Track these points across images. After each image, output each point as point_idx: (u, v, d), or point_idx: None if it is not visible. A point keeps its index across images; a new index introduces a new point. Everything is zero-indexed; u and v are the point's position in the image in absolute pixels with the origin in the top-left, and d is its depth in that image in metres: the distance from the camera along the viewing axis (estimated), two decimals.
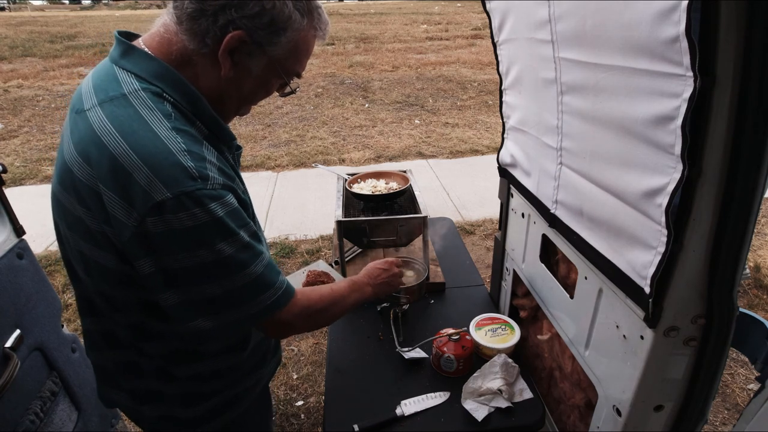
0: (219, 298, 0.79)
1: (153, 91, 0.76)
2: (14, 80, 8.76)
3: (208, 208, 0.72)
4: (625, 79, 0.82)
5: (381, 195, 1.82)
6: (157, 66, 0.78)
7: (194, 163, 0.72)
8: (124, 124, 0.72)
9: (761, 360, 0.89)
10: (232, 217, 0.76)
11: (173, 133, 0.73)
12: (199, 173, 0.72)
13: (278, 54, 0.81)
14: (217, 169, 0.76)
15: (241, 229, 0.78)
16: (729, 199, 0.75)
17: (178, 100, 0.78)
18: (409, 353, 1.36)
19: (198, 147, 0.75)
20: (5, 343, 1.10)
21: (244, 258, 0.79)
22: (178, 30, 0.77)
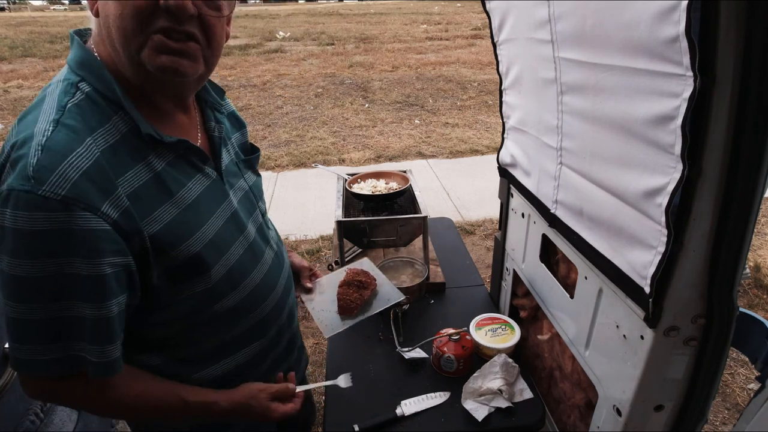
0: (15, 324, 0.69)
1: (72, 81, 0.72)
2: (14, 80, 8.76)
3: (21, 215, 0.63)
4: (625, 78, 0.82)
5: (381, 195, 1.82)
6: (80, 53, 0.74)
7: (42, 161, 0.63)
8: (26, 111, 0.71)
9: (761, 360, 0.89)
10: (58, 236, 0.64)
11: (50, 126, 0.67)
12: (36, 174, 0.63)
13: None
14: (81, 176, 0.65)
15: (68, 255, 0.65)
16: (729, 199, 0.75)
17: (99, 88, 0.72)
18: (409, 353, 1.36)
19: (68, 144, 0.66)
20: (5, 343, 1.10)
21: (53, 287, 0.66)
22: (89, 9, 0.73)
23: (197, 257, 0.80)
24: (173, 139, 0.78)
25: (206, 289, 0.84)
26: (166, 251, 0.76)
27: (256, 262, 0.94)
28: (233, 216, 0.89)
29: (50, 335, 0.69)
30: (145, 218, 0.73)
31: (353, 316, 1.25)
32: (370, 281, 1.33)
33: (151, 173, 0.75)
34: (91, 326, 0.70)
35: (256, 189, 1.02)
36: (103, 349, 0.72)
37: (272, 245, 1.03)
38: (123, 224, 0.69)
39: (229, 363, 0.95)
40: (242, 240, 0.90)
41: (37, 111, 0.70)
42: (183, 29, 0.70)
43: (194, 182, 0.82)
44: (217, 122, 0.93)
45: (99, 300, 0.70)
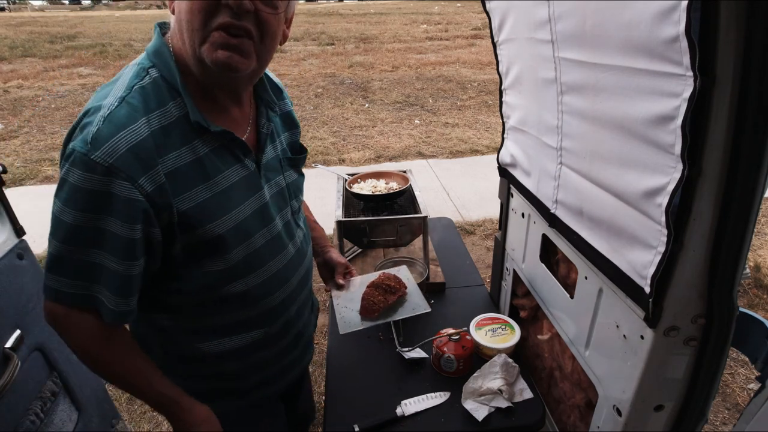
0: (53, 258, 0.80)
1: (144, 65, 0.82)
2: (14, 81, 8.76)
3: (77, 173, 0.74)
4: (625, 78, 0.82)
5: (381, 195, 1.82)
6: (157, 42, 0.84)
7: (101, 130, 0.74)
8: (104, 85, 0.83)
9: (761, 360, 0.89)
10: (100, 196, 0.75)
11: (116, 101, 0.77)
12: (93, 140, 0.74)
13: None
14: (128, 150, 0.75)
15: (105, 214, 0.76)
16: (729, 199, 0.75)
17: (165, 75, 0.82)
18: (409, 353, 1.36)
19: (125, 121, 0.76)
20: (5, 343, 1.10)
21: (88, 236, 0.77)
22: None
23: (219, 238, 0.87)
24: (218, 128, 0.85)
25: (223, 269, 0.91)
26: (193, 228, 0.84)
27: (276, 254, 0.99)
28: (262, 208, 0.95)
29: (76, 273, 0.80)
30: (178, 195, 0.81)
31: (373, 318, 1.26)
32: (400, 287, 1.33)
33: (193, 156, 0.83)
34: (113, 277, 0.80)
35: (294, 187, 1.07)
36: (119, 300, 0.82)
37: (296, 242, 1.07)
38: (156, 197, 0.78)
39: (231, 343, 1.00)
40: (266, 231, 0.96)
41: (111, 86, 0.82)
42: (240, 24, 0.76)
43: (231, 171, 0.89)
44: (268, 120, 0.99)
45: (123, 258, 0.80)
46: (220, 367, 1.02)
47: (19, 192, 4.51)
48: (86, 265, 0.79)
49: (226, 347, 0.99)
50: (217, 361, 1.01)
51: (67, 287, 0.80)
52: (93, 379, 1.45)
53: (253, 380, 1.07)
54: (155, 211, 0.79)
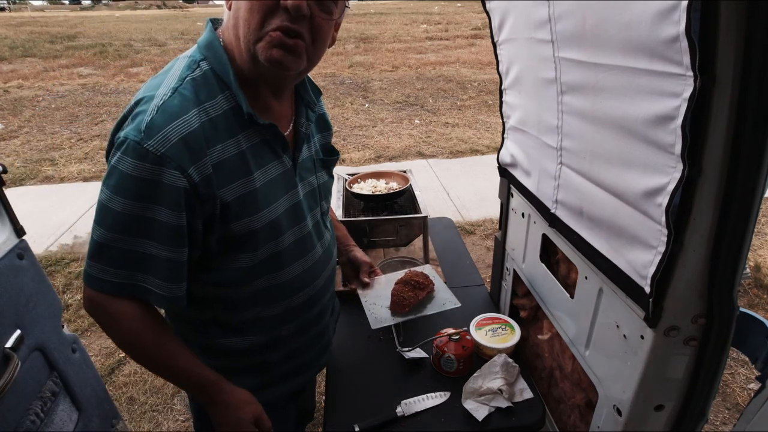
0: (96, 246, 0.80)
1: (195, 58, 0.84)
2: (14, 80, 8.76)
3: (129, 161, 0.75)
4: (625, 78, 0.82)
5: (381, 195, 1.82)
6: (209, 36, 0.86)
7: (154, 119, 0.76)
8: (156, 76, 0.86)
9: (761, 359, 0.89)
10: (151, 184, 0.76)
11: (169, 92, 0.79)
12: (147, 129, 0.75)
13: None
14: (180, 139, 0.76)
15: (155, 203, 0.77)
16: (729, 199, 0.75)
17: (215, 68, 0.84)
18: (409, 353, 1.36)
19: (178, 111, 0.77)
20: (5, 343, 1.10)
21: (140, 225, 0.78)
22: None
23: (254, 233, 0.89)
24: (266, 122, 0.87)
25: (251, 265, 0.92)
26: (231, 220, 0.86)
27: (303, 255, 1.00)
28: (295, 206, 0.96)
29: (121, 262, 0.81)
30: (222, 187, 0.82)
31: (403, 314, 1.27)
32: (428, 284, 1.33)
33: (237, 149, 0.84)
34: (162, 264, 0.82)
35: (324, 188, 1.09)
36: (170, 285, 0.84)
37: (324, 242, 1.08)
38: (202, 188, 0.80)
39: (253, 339, 1.01)
40: (296, 230, 0.97)
41: (163, 77, 0.84)
42: (296, 27, 0.79)
43: (271, 166, 0.90)
44: (308, 119, 1.00)
45: (172, 245, 0.81)
46: (242, 361, 1.03)
47: (19, 192, 4.51)
48: (133, 254, 0.80)
49: (248, 343, 1.01)
50: (238, 356, 1.02)
51: (112, 276, 0.81)
52: (93, 379, 1.45)
53: (270, 377, 1.08)
54: (200, 202, 0.81)
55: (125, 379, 2.35)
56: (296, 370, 1.13)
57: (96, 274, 0.82)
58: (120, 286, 0.82)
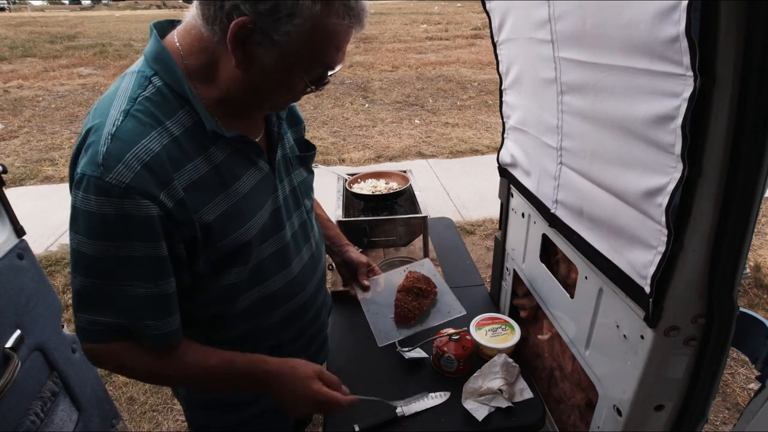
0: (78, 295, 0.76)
1: (146, 73, 0.76)
2: (14, 81, 8.76)
3: (92, 199, 0.69)
4: (625, 78, 0.82)
5: (381, 195, 1.82)
6: (156, 47, 0.78)
7: (110, 150, 0.69)
8: (102, 98, 0.77)
9: (761, 359, 0.89)
10: (121, 220, 0.70)
11: (120, 116, 0.72)
12: (104, 162, 0.69)
13: (291, 46, 0.72)
14: (143, 167, 0.70)
15: (129, 239, 0.72)
16: (729, 199, 0.75)
17: (169, 83, 0.76)
18: (409, 353, 1.36)
19: (135, 136, 0.71)
20: (6, 343, 1.10)
21: (113, 267, 0.73)
22: (197, 16, 0.74)
23: (245, 247, 0.85)
24: (233, 134, 0.81)
25: (239, 280, 0.89)
26: (215, 240, 0.81)
27: (286, 262, 0.96)
28: (276, 212, 0.92)
29: (106, 310, 0.76)
30: (200, 209, 0.78)
31: (409, 327, 1.21)
32: (431, 289, 1.27)
33: (209, 166, 0.79)
34: (151, 303, 0.77)
35: (304, 186, 1.04)
36: (158, 323, 0.78)
37: (311, 243, 1.05)
38: (176, 213, 0.74)
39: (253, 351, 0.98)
40: (276, 239, 0.93)
41: (111, 98, 0.76)
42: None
43: (248, 175, 0.86)
44: (278, 118, 0.95)
45: (157, 279, 0.76)
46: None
47: (19, 192, 4.51)
48: (117, 298, 0.75)
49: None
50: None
51: (101, 326, 0.77)
52: (93, 379, 1.45)
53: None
54: (177, 227, 0.76)
55: (125, 379, 2.35)
56: None
57: (86, 326, 0.77)
58: (112, 334, 0.78)
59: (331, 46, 0.75)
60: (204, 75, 0.78)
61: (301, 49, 0.72)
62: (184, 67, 0.77)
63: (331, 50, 0.76)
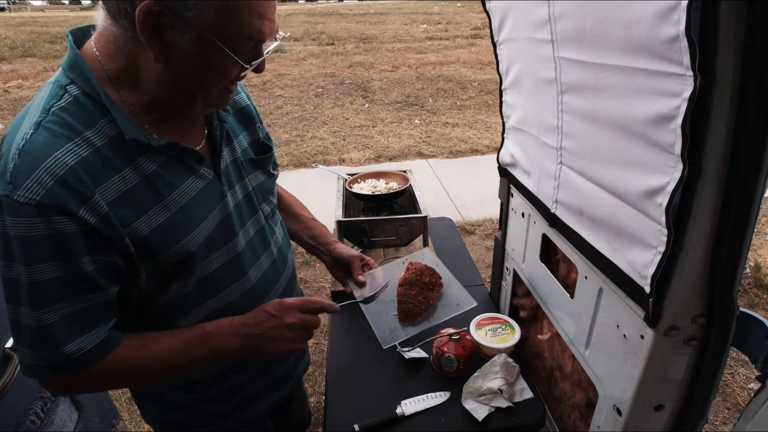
0: (11, 324, 0.71)
1: (61, 82, 0.71)
2: (14, 81, 8.76)
3: (4, 219, 0.65)
4: (625, 78, 0.82)
5: (381, 195, 1.82)
6: (72, 55, 0.73)
7: (18, 165, 0.64)
8: (21, 112, 0.73)
9: (761, 359, 0.89)
10: (32, 241, 0.65)
11: (31, 128, 0.67)
12: (13, 179, 0.64)
13: (205, 21, 0.65)
14: (56, 182, 0.64)
15: (42, 261, 0.66)
16: (729, 199, 0.75)
17: (87, 91, 0.71)
18: (409, 353, 1.36)
19: (46, 149, 0.65)
20: (5, 343, 1.10)
21: (28, 294, 0.67)
22: (104, 15, 0.69)
23: (188, 259, 0.80)
24: (162, 142, 0.75)
25: (183, 294, 0.84)
26: (155, 255, 0.76)
27: (240, 272, 0.91)
28: (224, 221, 0.87)
29: (33, 340, 0.71)
30: (131, 224, 0.72)
31: (416, 324, 1.10)
32: (436, 281, 1.16)
33: (139, 177, 0.73)
34: (63, 324, 0.70)
35: (261, 190, 0.98)
36: (79, 343, 0.72)
37: (272, 250, 0.99)
38: (102, 230, 0.69)
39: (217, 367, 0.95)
40: (227, 249, 0.88)
41: (26, 111, 0.71)
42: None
43: (187, 184, 0.80)
44: (220, 120, 0.89)
45: (76, 295, 0.70)
46: (211, 391, 0.98)
47: None
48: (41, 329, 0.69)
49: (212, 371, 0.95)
50: (206, 386, 0.96)
51: (35, 359, 0.71)
52: None
53: (235, 402, 1.02)
54: (107, 243, 0.71)
55: None
56: (270, 386, 1.08)
57: (29, 361, 0.72)
58: (50, 367, 0.72)
59: (252, 13, 0.68)
60: (126, 79, 0.73)
61: (217, 23, 0.66)
62: (104, 73, 0.72)
63: (252, 18, 0.68)
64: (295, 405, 1.37)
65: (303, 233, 1.22)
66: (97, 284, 0.72)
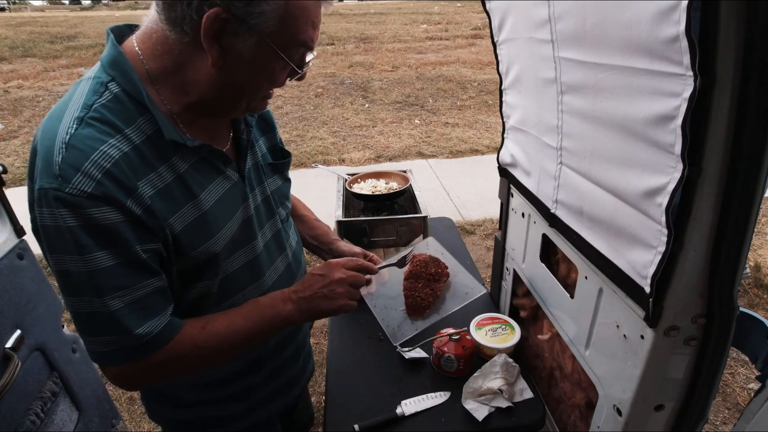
0: (74, 316, 0.72)
1: (101, 80, 0.73)
2: (14, 81, 8.76)
3: (55, 213, 0.65)
4: (625, 78, 0.82)
5: (381, 195, 1.82)
6: (113, 52, 0.74)
7: (66, 159, 0.65)
8: (55, 107, 0.73)
9: (761, 359, 0.89)
10: (87, 231, 0.67)
11: (74, 123, 0.68)
12: (62, 172, 0.65)
13: (267, 28, 0.68)
14: (104, 174, 0.66)
15: (99, 250, 0.68)
16: (729, 199, 0.75)
17: (127, 89, 0.72)
18: (409, 353, 1.36)
19: (92, 143, 0.67)
20: (6, 343, 1.10)
21: (90, 282, 0.69)
22: (159, 19, 0.71)
23: (212, 259, 0.82)
24: (196, 143, 0.78)
25: (207, 294, 0.85)
26: (185, 252, 0.78)
27: (259, 274, 0.93)
28: (246, 222, 0.89)
29: (101, 327, 0.72)
30: (168, 218, 0.75)
31: (425, 317, 1.07)
32: (442, 271, 1.12)
33: (174, 175, 0.76)
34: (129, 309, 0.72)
35: (279, 194, 1.00)
36: (147, 327, 0.74)
37: (287, 254, 1.01)
38: (147, 220, 0.71)
39: (226, 369, 0.96)
40: (247, 250, 0.89)
41: (65, 106, 0.72)
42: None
43: (215, 185, 0.82)
44: (247, 125, 0.92)
45: (135, 281, 0.72)
46: (226, 390, 0.99)
47: (19, 192, 4.49)
48: (107, 315, 0.71)
49: (228, 372, 0.96)
50: (220, 386, 0.97)
51: (107, 345, 0.73)
52: (93, 380, 1.45)
53: (250, 403, 1.03)
54: (151, 232, 0.73)
55: None
56: (282, 388, 1.09)
57: (98, 349, 0.73)
58: (121, 351, 0.74)
59: (307, 22, 0.72)
60: (167, 79, 0.75)
61: (278, 30, 0.69)
62: (145, 73, 0.74)
63: (307, 27, 0.72)
64: (300, 407, 1.39)
65: (306, 233, 1.24)
66: (151, 270, 0.74)
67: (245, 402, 1.02)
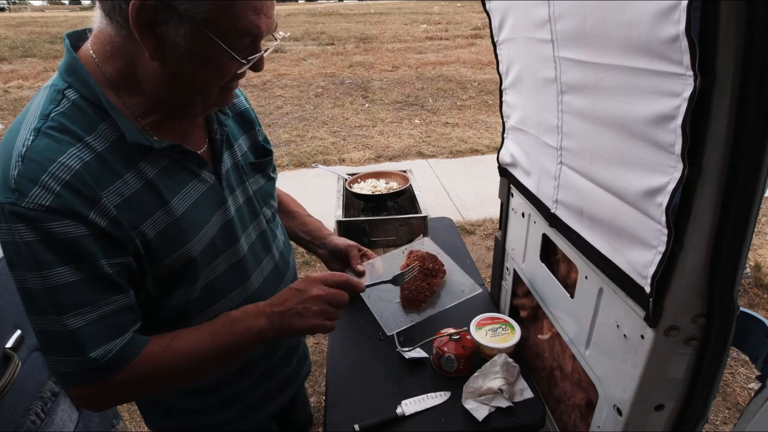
0: (36, 336, 0.69)
1: (58, 87, 0.70)
2: (14, 81, 8.76)
3: (12, 229, 0.63)
4: (625, 78, 0.82)
5: (381, 195, 1.82)
6: (68, 58, 0.71)
7: (22, 172, 0.63)
8: (16, 119, 0.71)
9: (762, 359, 0.89)
10: (47, 246, 0.64)
11: (31, 135, 0.65)
12: (18, 186, 0.62)
13: (199, 14, 0.63)
14: (63, 186, 0.63)
15: (60, 265, 0.65)
16: (729, 198, 0.75)
17: (85, 95, 0.70)
18: (409, 353, 1.36)
19: (51, 155, 0.64)
20: (6, 343, 1.10)
21: (50, 299, 0.66)
22: (100, 15, 0.68)
23: (190, 265, 0.79)
24: (165, 144, 0.74)
25: (189, 301, 0.83)
26: (159, 260, 0.75)
27: (245, 277, 0.91)
28: (226, 225, 0.86)
29: (60, 347, 0.69)
30: (138, 226, 0.72)
31: (420, 311, 1.08)
32: (439, 267, 1.13)
33: (142, 181, 0.72)
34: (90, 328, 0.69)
35: (262, 194, 0.97)
36: (105, 347, 0.70)
37: (274, 254, 0.99)
38: (114, 232, 0.69)
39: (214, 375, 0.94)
40: (229, 254, 0.87)
41: (22, 118, 0.69)
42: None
43: (189, 188, 0.79)
44: (220, 124, 0.88)
45: (99, 298, 0.69)
46: (215, 398, 0.97)
47: None
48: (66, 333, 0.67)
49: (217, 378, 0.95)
50: (210, 393, 0.96)
51: (67, 366, 0.70)
52: None
53: (241, 407, 1.02)
54: (119, 244, 0.70)
55: None
56: (274, 390, 1.08)
57: (59, 369, 0.70)
58: (79, 373, 0.70)
59: (247, 7, 0.66)
60: (125, 81, 0.72)
61: (212, 17, 0.64)
62: (102, 76, 0.71)
63: (248, 12, 0.66)
64: (297, 408, 1.37)
65: (298, 229, 1.20)
66: (117, 286, 0.71)
67: (237, 407, 1.01)
